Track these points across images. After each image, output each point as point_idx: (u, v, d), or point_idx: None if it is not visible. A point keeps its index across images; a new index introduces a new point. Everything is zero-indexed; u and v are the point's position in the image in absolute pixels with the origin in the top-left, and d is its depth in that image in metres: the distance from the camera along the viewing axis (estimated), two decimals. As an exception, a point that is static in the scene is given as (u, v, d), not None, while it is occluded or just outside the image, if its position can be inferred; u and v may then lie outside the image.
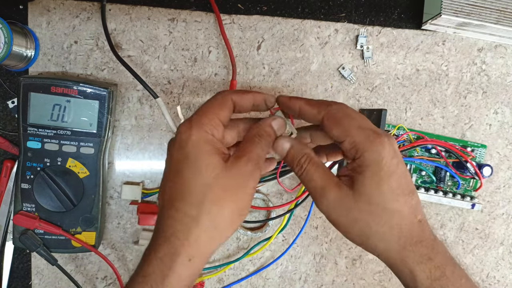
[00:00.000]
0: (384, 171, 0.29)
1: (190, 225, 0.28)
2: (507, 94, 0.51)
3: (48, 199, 0.42)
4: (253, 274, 0.50)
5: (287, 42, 0.48)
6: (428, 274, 0.29)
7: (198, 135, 0.29)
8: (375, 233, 0.30)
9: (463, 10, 0.44)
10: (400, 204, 0.29)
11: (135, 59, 0.46)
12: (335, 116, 0.31)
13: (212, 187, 0.28)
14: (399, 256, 0.30)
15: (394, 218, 0.29)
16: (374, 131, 0.30)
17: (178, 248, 0.28)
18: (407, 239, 0.29)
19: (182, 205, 0.28)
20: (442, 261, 0.30)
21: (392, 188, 0.29)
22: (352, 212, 0.30)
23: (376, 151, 0.29)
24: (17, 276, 0.47)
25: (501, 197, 0.52)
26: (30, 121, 0.41)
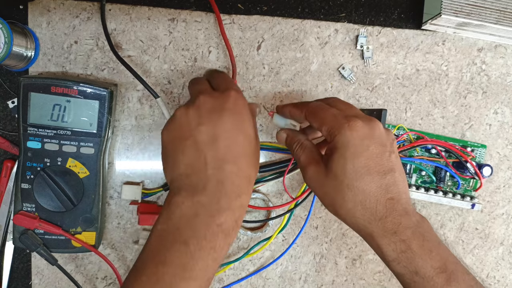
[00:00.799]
0: (350, 152, 0.33)
1: (249, 183, 0.33)
2: (507, 94, 0.51)
3: (48, 199, 0.42)
4: (253, 274, 0.50)
5: (287, 42, 0.48)
6: (394, 247, 0.32)
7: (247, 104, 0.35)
8: (341, 207, 0.34)
9: (463, 10, 0.44)
10: (365, 182, 0.32)
11: (135, 59, 0.46)
12: (312, 111, 0.36)
13: (255, 155, 0.34)
14: (366, 230, 0.33)
15: (357, 196, 0.33)
16: (348, 117, 0.34)
17: (245, 203, 0.33)
18: (371, 215, 0.33)
19: (243, 165, 0.33)
20: (409, 236, 0.32)
21: (356, 167, 0.32)
22: (323, 187, 0.35)
23: (343, 134, 0.33)
24: (17, 276, 0.47)
25: (501, 197, 0.52)
26: (30, 121, 0.41)
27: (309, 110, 0.36)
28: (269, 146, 0.48)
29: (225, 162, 0.32)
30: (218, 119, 0.33)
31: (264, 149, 0.48)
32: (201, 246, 0.30)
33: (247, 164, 0.33)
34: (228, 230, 0.31)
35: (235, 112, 0.33)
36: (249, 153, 0.34)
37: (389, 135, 0.35)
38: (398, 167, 0.34)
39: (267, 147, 0.48)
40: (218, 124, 0.32)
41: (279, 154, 0.49)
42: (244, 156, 0.33)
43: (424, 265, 0.32)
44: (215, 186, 0.31)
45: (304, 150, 0.37)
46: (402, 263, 0.32)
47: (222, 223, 0.31)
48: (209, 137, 0.32)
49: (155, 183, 0.48)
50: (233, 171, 0.32)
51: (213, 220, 0.31)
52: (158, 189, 0.47)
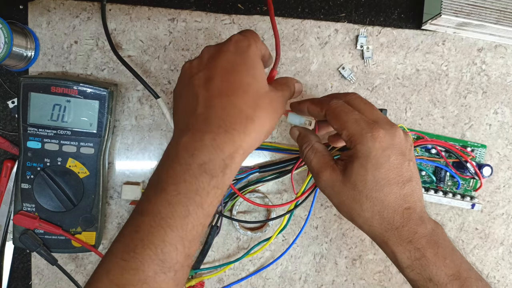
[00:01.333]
0: (372, 164, 0.32)
1: (247, 122, 0.30)
2: (507, 94, 0.51)
3: (48, 199, 0.42)
4: (253, 274, 0.50)
5: (287, 42, 0.48)
6: (408, 254, 0.32)
7: (255, 49, 0.32)
8: (358, 216, 0.34)
9: (463, 10, 0.44)
10: (384, 194, 0.32)
11: (135, 59, 0.46)
12: (334, 112, 0.35)
13: (264, 97, 0.31)
14: (382, 238, 0.34)
15: (376, 206, 0.33)
16: (370, 124, 0.33)
17: (237, 140, 0.29)
18: (388, 224, 0.33)
19: (239, 102, 0.30)
20: (424, 244, 0.32)
21: (377, 179, 0.32)
22: (340, 194, 0.34)
23: (366, 144, 0.32)
24: (17, 276, 0.47)
25: (501, 197, 0.52)
26: (30, 121, 0.41)
27: (330, 110, 0.35)
28: (269, 146, 0.48)
29: (215, 98, 0.30)
30: (214, 61, 0.32)
31: (264, 149, 0.48)
32: (179, 190, 0.28)
33: (244, 101, 0.30)
34: (214, 171, 0.28)
35: (235, 52, 0.31)
36: (251, 92, 0.31)
37: (407, 141, 0.34)
38: (415, 175, 0.34)
39: (267, 147, 0.48)
40: (214, 66, 0.31)
41: (279, 154, 0.49)
42: (240, 93, 0.30)
43: (438, 273, 0.32)
44: (201, 123, 0.29)
45: (315, 154, 0.36)
46: (416, 270, 0.32)
47: (204, 162, 0.28)
48: (204, 80, 0.31)
49: (155, 183, 0.47)
50: (222, 106, 0.30)
51: (193, 159, 0.28)
52: (158, 189, 0.47)
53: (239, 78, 0.31)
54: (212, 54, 0.32)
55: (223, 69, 0.31)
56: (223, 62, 0.31)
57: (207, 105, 0.30)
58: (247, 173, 0.47)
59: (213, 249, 0.49)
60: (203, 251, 0.47)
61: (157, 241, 0.27)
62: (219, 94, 0.30)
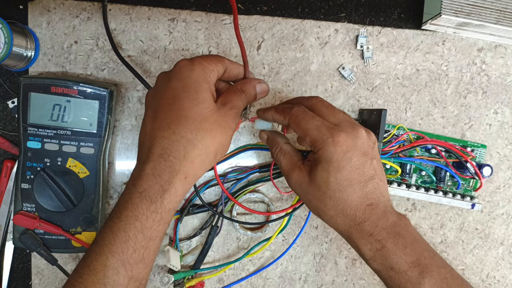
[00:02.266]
0: (333, 167, 0.34)
1: (188, 147, 0.31)
2: (507, 94, 0.51)
3: (48, 199, 0.42)
4: (253, 274, 0.50)
5: (287, 42, 0.48)
6: (370, 246, 0.34)
7: (199, 72, 0.33)
8: (324, 214, 0.36)
9: (463, 10, 0.44)
10: (347, 194, 0.34)
11: (135, 59, 0.46)
12: (296, 120, 0.36)
13: (207, 118, 0.32)
14: (346, 233, 0.35)
15: (339, 205, 0.34)
16: (331, 129, 0.34)
17: (176, 166, 0.31)
18: (351, 221, 0.35)
19: (180, 129, 0.31)
20: (385, 236, 0.34)
21: (339, 180, 0.34)
22: (307, 194, 0.36)
23: (327, 149, 0.34)
24: (17, 276, 0.47)
25: (501, 197, 0.52)
26: (30, 121, 0.41)
27: (292, 119, 0.36)
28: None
29: (159, 130, 0.32)
30: (161, 91, 0.33)
31: (264, 149, 0.48)
32: (120, 218, 0.30)
33: (185, 128, 0.31)
34: (153, 196, 0.30)
35: (178, 78, 0.33)
36: (193, 116, 0.32)
37: (370, 139, 0.36)
38: (378, 172, 0.35)
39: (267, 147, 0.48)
40: (160, 96, 0.33)
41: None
42: (182, 120, 0.31)
43: (398, 261, 0.33)
44: (145, 154, 0.32)
45: (284, 155, 0.38)
46: (378, 260, 0.34)
47: (144, 189, 0.30)
48: (152, 111, 0.33)
49: (155, 183, 0.47)
50: (164, 136, 0.31)
51: (135, 188, 0.31)
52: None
53: (180, 105, 0.32)
54: (162, 83, 0.34)
55: (167, 98, 0.32)
56: (167, 91, 0.33)
57: (152, 137, 0.32)
58: (247, 173, 0.47)
59: (213, 249, 0.49)
60: (203, 251, 0.48)
61: (100, 266, 0.29)
62: (162, 125, 0.32)
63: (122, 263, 0.30)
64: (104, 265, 0.29)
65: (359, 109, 0.49)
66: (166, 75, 0.34)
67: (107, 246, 0.30)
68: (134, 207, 0.30)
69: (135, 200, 0.30)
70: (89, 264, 0.30)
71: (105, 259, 0.29)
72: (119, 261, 0.30)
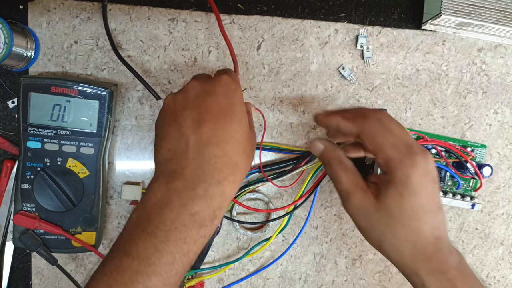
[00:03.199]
0: (409, 191, 0.31)
1: (235, 170, 0.30)
2: (507, 94, 0.51)
3: (48, 199, 0.42)
4: (253, 274, 0.50)
5: (287, 42, 0.48)
6: (439, 285, 0.32)
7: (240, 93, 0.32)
8: (389, 244, 0.33)
9: (463, 10, 0.44)
10: (420, 223, 0.31)
11: (135, 59, 0.46)
12: (370, 132, 0.33)
13: (247, 141, 0.32)
14: (412, 267, 0.32)
15: (410, 235, 0.32)
16: (408, 149, 0.32)
17: (227, 191, 0.30)
18: (420, 253, 0.32)
19: (229, 150, 0.30)
20: (455, 275, 0.31)
21: (414, 207, 0.31)
22: (371, 220, 0.33)
23: (405, 171, 0.31)
24: (17, 276, 0.47)
25: (501, 197, 0.52)
26: (30, 121, 0.41)
27: (366, 129, 0.33)
28: (269, 146, 0.48)
29: (207, 146, 0.30)
30: (203, 102, 0.31)
31: (264, 149, 0.48)
32: (168, 237, 0.28)
33: (234, 150, 0.30)
34: (204, 221, 0.29)
35: (224, 96, 0.31)
36: (237, 139, 0.31)
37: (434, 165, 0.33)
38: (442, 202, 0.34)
39: (267, 147, 0.48)
40: (203, 107, 0.31)
41: (280, 154, 0.49)
42: (232, 140, 0.30)
43: None
44: (193, 171, 0.29)
45: (346, 172, 0.35)
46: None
47: (196, 212, 0.28)
48: (193, 121, 0.30)
49: (155, 183, 0.47)
50: (216, 155, 0.29)
51: (185, 209, 0.28)
52: (158, 189, 0.46)
53: (228, 124, 0.31)
54: (199, 93, 0.32)
55: (212, 113, 0.30)
56: (212, 105, 0.31)
57: (199, 152, 0.30)
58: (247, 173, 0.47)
59: (213, 249, 0.49)
60: (203, 251, 0.47)
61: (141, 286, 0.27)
62: (211, 141, 0.30)
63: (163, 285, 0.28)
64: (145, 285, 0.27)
65: (359, 109, 0.49)
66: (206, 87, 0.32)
67: (151, 267, 0.27)
68: (183, 229, 0.28)
69: (185, 221, 0.28)
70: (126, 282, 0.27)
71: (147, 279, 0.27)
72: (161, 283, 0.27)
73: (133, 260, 0.27)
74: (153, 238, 0.28)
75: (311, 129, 0.49)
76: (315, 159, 0.46)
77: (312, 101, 0.49)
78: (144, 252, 0.28)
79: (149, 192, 0.30)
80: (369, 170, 0.44)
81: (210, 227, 0.29)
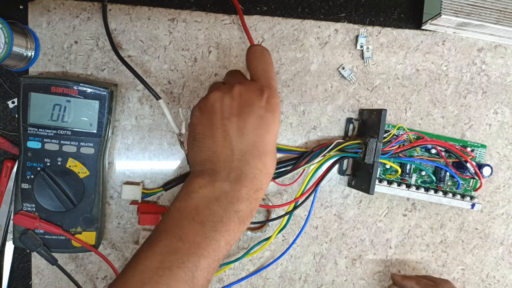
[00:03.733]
0: None
1: (269, 179, 0.35)
2: (507, 94, 0.51)
3: (48, 199, 0.42)
4: (253, 274, 0.50)
5: (287, 42, 0.48)
6: None
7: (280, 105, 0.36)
8: None
9: (463, 10, 0.44)
10: None
11: (135, 59, 0.46)
12: None
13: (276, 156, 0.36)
14: None
15: None
16: None
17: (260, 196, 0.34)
18: None
19: (268, 162, 0.34)
20: None
21: None
22: None
23: None
24: (17, 276, 0.47)
25: (501, 197, 0.52)
26: (30, 121, 0.41)
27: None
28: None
29: (251, 157, 0.33)
30: (250, 114, 0.34)
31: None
32: (216, 228, 0.32)
33: (270, 162, 0.34)
34: (244, 218, 0.33)
35: (267, 110, 0.34)
36: (273, 152, 0.35)
37: None
38: None
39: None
40: (249, 119, 0.33)
41: (279, 154, 0.49)
42: (269, 154, 0.34)
43: None
44: (239, 176, 0.33)
45: None
46: None
47: (239, 210, 0.33)
48: (239, 130, 0.33)
49: (155, 183, 0.48)
50: (258, 167, 0.33)
51: (232, 206, 0.32)
52: (158, 189, 0.47)
53: (269, 138, 0.34)
54: (247, 102, 0.34)
55: (255, 125, 0.34)
56: (255, 117, 0.34)
57: (243, 160, 0.33)
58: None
59: (213, 249, 0.49)
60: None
61: (192, 265, 0.31)
62: (253, 152, 0.33)
63: (208, 267, 0.32)
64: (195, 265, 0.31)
65: (359, 109, 0.49)
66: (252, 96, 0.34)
67: (201, 250, 0.31)
68: (229, 222, 0.32)
69: (231, 216, 0.32)
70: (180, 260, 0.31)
71: (197, 260, 0.31)
72: (207, 264, 0.31)
73: (184, 243, 0.31)
74: (202, 227, 0.32)
75: (311, 129, 0.49)
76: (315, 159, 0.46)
77: (312, 101, 0.49)
78: (194, 237, 0.31)
79: (194, 185, 0.33)
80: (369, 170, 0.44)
81: (247, 224, 0.34)
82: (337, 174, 0.50)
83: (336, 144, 0.45)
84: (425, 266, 0.52)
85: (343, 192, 0.50)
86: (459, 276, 0.53)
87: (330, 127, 0.49)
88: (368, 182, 0.44)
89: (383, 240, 0.51)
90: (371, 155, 0.43)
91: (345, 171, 0.49)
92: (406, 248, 0.52)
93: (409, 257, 0.52)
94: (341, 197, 0.50)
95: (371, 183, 0.44)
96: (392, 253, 0.51)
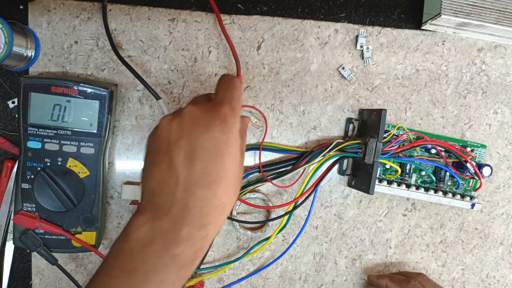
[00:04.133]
0: None
1: (221, 213, 0.30)
2: (507, 94, 0.51)
3: (48, 199, 0.42)
4: (253, 274, 0.50)
5: (287, 42, 0.48)
6: None
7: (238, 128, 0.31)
8: None
9: (463, 10, 0.44)
10: None
11: (135, 59, 0.46)
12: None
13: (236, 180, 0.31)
14: None
15: None
16: None
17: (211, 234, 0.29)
18: None
19: (219, 191, 0.29)
20: None
21: None
22: None
23: None
24: (17, 276, 0.47)
25: (500, 197, 0.52)
26: (31, 121, 0.41)
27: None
28: (269, 146, 0.48)
29: (198, 187, 0.29)
30: (199, 136, 0.29)
31: (264, 149, 0.48)
32: (147, 278, 0.27)
33: (223, 191, 0.29)
34: (185, 262, 0.28)
35: (221, 131, 0.30)
36: (229, 178, 0.30)
37: None
38: None
39: (267, 147, 0.48)
40: (198, 142, 0.29)
41: (279, 154, 0.49)
42: (223, 181, 0.29)
43: None
44: (180, 211, 0.28)
45: None
46: None
47: (177, 254, 0.28)
48: (186, 156, 0.29)
49: (155, 183, 0.47)
50: (204, 198, 0.29)
51: (168, 251, 0.28)
52: (158, 189, 0.46)
53: (222, 163, 0.29)
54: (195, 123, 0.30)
55: (207, 148, 0.29)
56: (208, 141, 0.29)
57: (188, 191, 0.29)
58: (247, 173, 0.47)
59: (213, 249, 0.49)
60: (203, 251, 0.48)
61: None
62: (201, 180, 0.29)
63: None
64: None
65: (359, 109, 0.49)
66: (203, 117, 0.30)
67: None
68: (163, 270, 0.28)
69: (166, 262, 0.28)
70: None
71: None
72: None
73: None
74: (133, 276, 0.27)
75: (311, 129, 0.49)
76: (315, 159, 0.46)
77: (312, 101, 0.49)
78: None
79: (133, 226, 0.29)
80: (369, 170, 0.44)
81: (190, 268, 0.29)
82: (337, 174, 0.50)
83: (336, 144, 0.45)
84: (425, 266, 0.52)
85: (343, 192, 0.50)
86: (459, 276, 0.53)
87: (330, 127, 0.49)
88: (368, 182, 0.44)
89: (383, 240, 0.51)
90: (371, 155, 0.43)
91: (345, 171, 0.49)
92: (406, 248, 0.52)
93: (409, 257, 0.52)
94: (341, 197, 0.50)
95: (371, 183, 0.44)
96: (392, 253, 0.52)
